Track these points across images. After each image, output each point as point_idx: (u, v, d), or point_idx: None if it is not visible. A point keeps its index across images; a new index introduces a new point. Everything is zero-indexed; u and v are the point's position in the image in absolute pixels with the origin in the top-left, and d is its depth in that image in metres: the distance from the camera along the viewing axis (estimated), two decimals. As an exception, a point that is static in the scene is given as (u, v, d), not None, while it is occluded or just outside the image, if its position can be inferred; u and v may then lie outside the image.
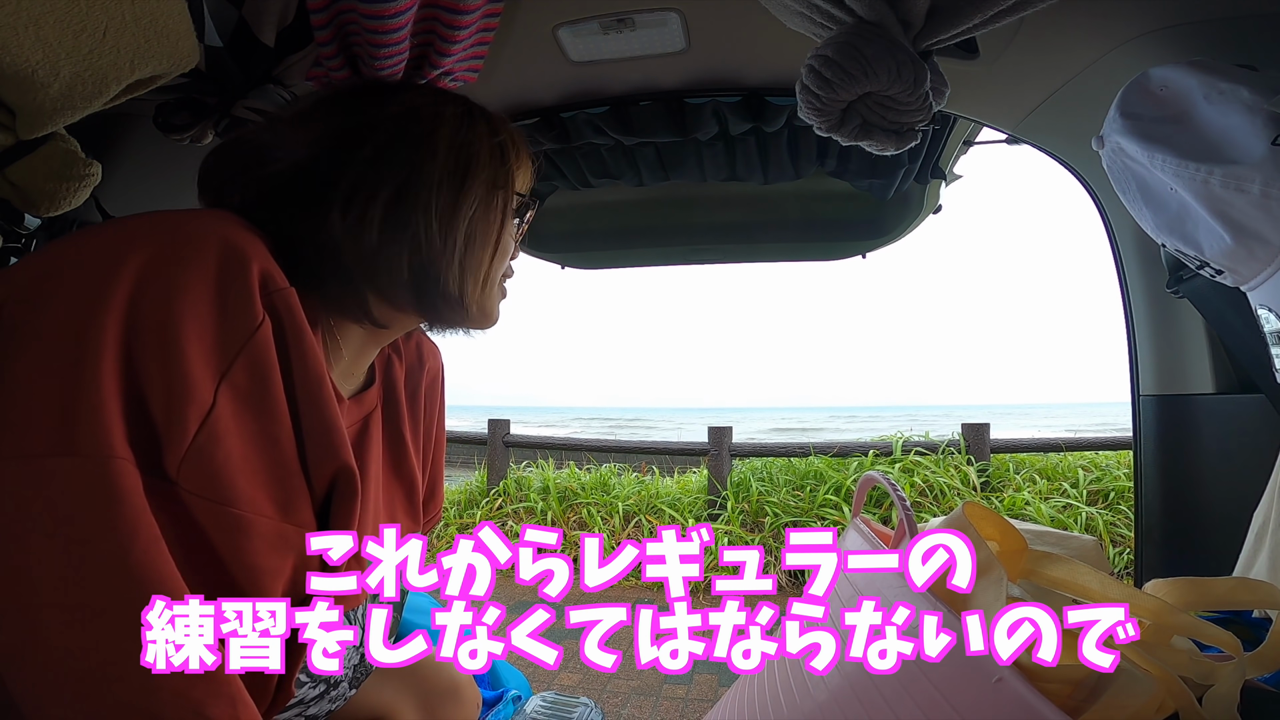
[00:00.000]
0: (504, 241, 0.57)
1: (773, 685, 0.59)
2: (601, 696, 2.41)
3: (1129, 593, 0.49)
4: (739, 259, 1.52)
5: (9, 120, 0.53)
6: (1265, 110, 0.49)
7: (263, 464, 0.41)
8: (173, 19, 0.52)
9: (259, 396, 0.40)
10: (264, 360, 0.41)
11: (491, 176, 0.55)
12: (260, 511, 0.40)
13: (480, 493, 4.50)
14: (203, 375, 0.38)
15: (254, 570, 0.40)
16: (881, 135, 0.65)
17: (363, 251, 0.48)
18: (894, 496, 0.59)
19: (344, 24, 0.63)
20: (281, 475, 0.42)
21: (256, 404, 0.40)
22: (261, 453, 0.41)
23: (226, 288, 0.39)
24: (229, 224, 0.43)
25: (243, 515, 0.39)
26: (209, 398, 0.38)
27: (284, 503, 0.42)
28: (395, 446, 0.64)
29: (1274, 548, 0.63)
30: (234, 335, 0.39)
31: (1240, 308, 0.66)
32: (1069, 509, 3.46)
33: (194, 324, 0.38)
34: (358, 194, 0.48)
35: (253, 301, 0.40)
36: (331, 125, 0.52)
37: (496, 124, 0.58)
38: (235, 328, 0.39)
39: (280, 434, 0.42)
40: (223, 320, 0.39)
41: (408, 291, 0.52)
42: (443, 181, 0.51)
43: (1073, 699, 0.41)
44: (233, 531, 0.39)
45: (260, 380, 0.40)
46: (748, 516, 3.83)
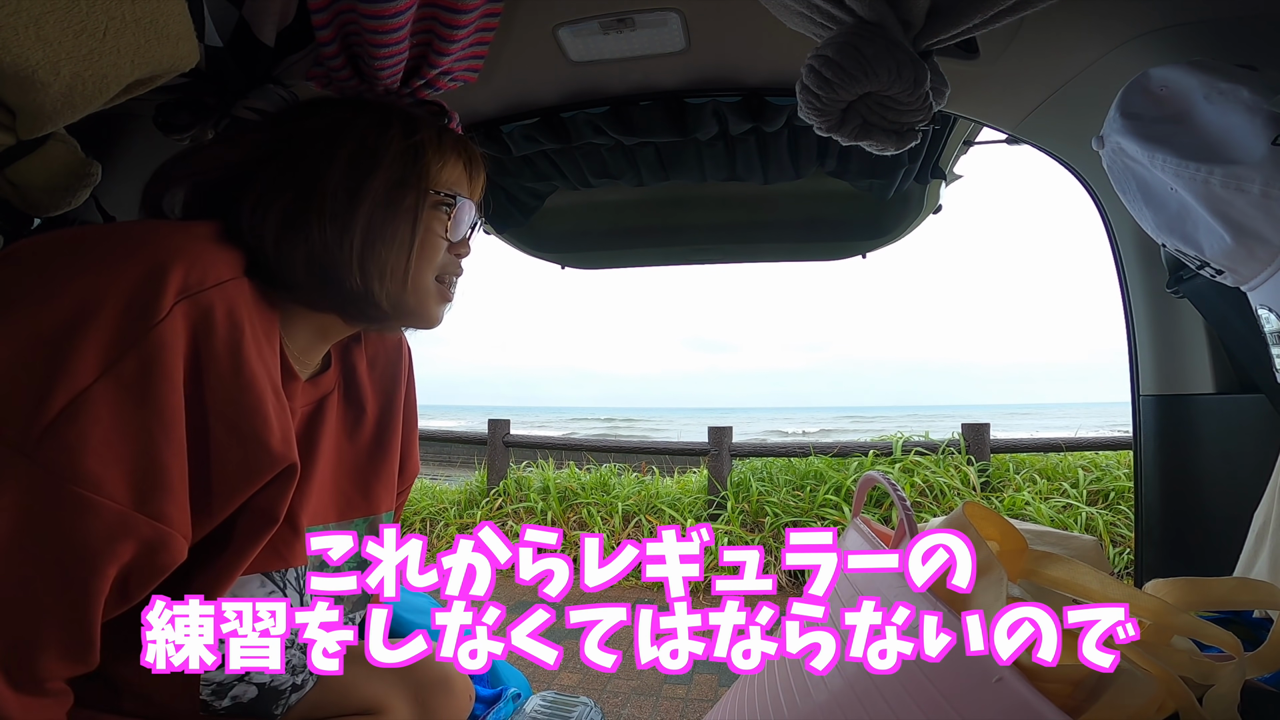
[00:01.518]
0: (424, 240, 0.59)
1: (773, 685, 0.59)
2: (601, 696, 2.41)
3: (1129, 593, 0.49)
4: (739, 259, 1.52)
5: (9, 120, 0.52)
6: (1265, 110, 0.49)
7: (126, 451, 0.42)
8: (173, 19, 0.52)
9: (143, 388, 0.42)
10: (158, 357, 0.43)
11: (399, 176, 0.57)
12: (105, 494, 0.41)
13: (480, 493, 4.50)
14: (87, 360, 0.40)
15: (84, 550, 0.41)
16: (881, 135, 0.65)
17: (267, 254, 0.52)
18: (894, 496, 0.59)
19: (344, 24, 0.63)
20: (146, 466, 0.43)
21: (138, 395, 0.42)
22: (127, 440, 0.42)
23: (136, 291, 0.43)
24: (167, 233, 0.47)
25: (83, 494, 0.41)
26: (86, 381, 0.40)
27: (140, 492, 0.43)
28: (356, 425, 0.68)
29: (1274, 548, 0.63)
30: (130, 333, 0.42)
31: (1240, 308, 0.66)
32: (1069, 509, 3.46)
33: (98, 317, 0.41)
34: (261, 201, 0.53)
35: (157, 300, 0.43)
36: (255, 141, 0.57)
37: (417, 126, 0.61)
38: (132, 327, 0.42)
39: (158, 429, 0.43)
40: (124, 319, 0.42)
41: (313, 291, 0.55)
42: (339, 185, 0.54)
43: (1073, 699, 0.41)
44: (70, 508, 0.41)
45: (148, 375, 0.42)
46: (748, 516, 3.82)
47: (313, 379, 0.63)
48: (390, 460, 0.71)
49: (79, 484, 0.40)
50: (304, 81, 0.71)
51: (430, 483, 5.05)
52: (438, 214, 0.60)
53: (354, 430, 0.68)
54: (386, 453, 0.71)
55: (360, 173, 0.55)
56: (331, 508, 0.64)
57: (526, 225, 1.41)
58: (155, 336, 0.42)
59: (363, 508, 0.67)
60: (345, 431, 0.67)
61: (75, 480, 0.40)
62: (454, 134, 0.65)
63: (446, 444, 8.37)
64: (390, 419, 0.72)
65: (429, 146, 0.60)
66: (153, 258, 0.44)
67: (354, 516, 0.66)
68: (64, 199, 0.73)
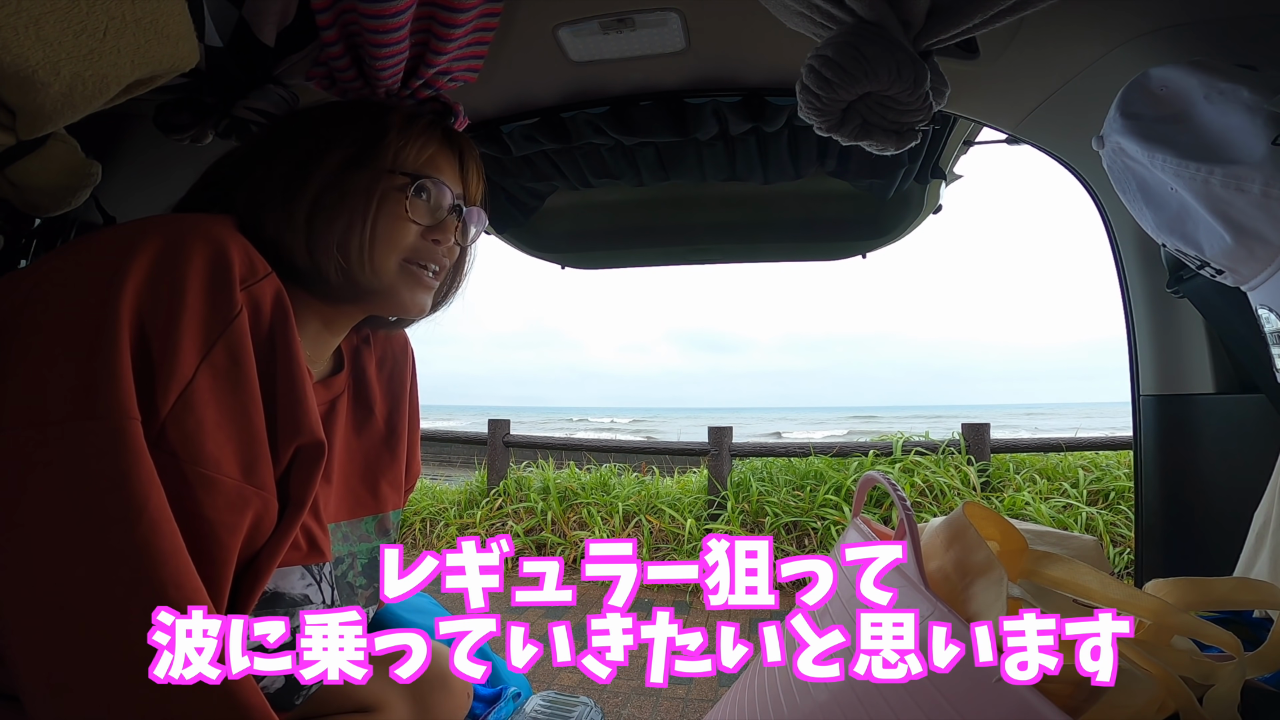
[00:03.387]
0: (382, 221, 0.59)
1: (773, 685, 0.59)
2: (601, 696, 2.41)
3: (1129, 593, 0.49)
4: (739, 259, 1.52)
5: (9, 120, 0.52)
6: (1265, 110, 0.49)
7: (232, 431, 0.47)
8: (173, 19, 0.52)
9: (234, 374, 0.47)
10: (239, 344, 0.47)
11: (353, 156, 0.59)
12: (224, 472, 0.46)
13: (480, 493, 4.50)
14: (189, 354, 0.45)
15: (213, 524, 0.45)
16: (881, 135, 0.65)
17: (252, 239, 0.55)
18: (894, 496, 0.59)
19: (347, 24, 0.63)
20: (247, 442, 0.48)
21: (231, 380, 0.47)
22: (231, 422, 0.47)
23: (213, 282, 0.47)
24: (213, 224, 0.50)
25: (208, 474, 0.45)
26: (190, 373, 0.45)
27: (247, 466, 0.48)
28: (365, 426, 0.70)
29: (1274, 548, 0.63)
30: (215, 323, 0.46)
31: (1240, 307, 0.66)
32: (1069, 509, 3.46)
33: (189, 313, 0.45)
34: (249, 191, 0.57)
35: (232, 294, 0.47)
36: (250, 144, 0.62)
37: (384, 112, 0.63)
38: (217, 317, 0.46)
39: (250, 407, 0.48)
40: (209, 311, 0.46)
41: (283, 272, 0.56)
42: (292, 167, 0.58)
43: (1073, 699, 0.41)
44: (198, 487, 0.45)
45: (235, 361, 0.47)
46: (748, 516, 3.83)
47: (325, 380, 0.66)
48: (397, 460, 0.73)
49: (203, 465, 0.45)
50: (304, 81, 0.71)
51: (430, 483, 5.05)
52: (400, 196, 0.60)
53: (363, 430, 0.70)
54: (394, 453, 0.72)
55: (314, 154, 0.58)
56: (343, 507, 0.65)
57: (526, 225, 1.41)
58: (236, 326, 0.47)
59: (371, 506, 0.68)
60: (355, 431, 0.69)
61: (199, 462, 0.45)
62: (430, 119, 0.66)
63: (446, 444, 8.37)
64: (397, 420, 0.74)
65: (392, 129, 0.61)
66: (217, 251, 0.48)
67: (363, 515, 0.68)
68: (64, 199, 0.73)
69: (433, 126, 0.65)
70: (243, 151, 0.61)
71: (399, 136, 0.61)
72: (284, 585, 0.56)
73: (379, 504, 0.69)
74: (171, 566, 0.42)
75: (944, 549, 0.52)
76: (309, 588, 0.57)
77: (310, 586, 0.58)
